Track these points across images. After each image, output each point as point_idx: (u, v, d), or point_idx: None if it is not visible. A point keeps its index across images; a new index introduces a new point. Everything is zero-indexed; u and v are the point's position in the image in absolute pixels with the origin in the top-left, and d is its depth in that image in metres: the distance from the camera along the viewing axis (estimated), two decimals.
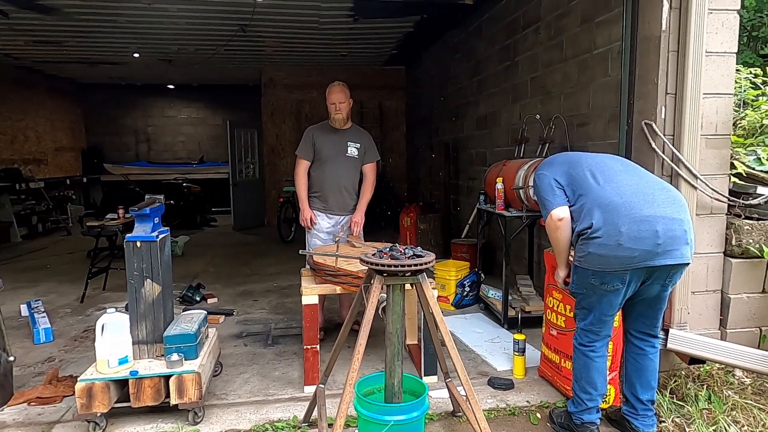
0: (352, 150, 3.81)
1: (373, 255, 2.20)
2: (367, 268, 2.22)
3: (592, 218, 2.27)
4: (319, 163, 3.81)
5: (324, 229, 3.82)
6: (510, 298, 4.13)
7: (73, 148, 11.72)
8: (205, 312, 3.16)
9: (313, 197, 3.84)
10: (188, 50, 8.07)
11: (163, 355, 2.72)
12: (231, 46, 7.70)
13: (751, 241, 2.98)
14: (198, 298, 4.90)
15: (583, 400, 2.47)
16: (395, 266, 2.11)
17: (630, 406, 2.53)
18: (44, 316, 4.17)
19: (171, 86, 12.54)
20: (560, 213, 2.39)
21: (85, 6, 5.86)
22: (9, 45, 7.71)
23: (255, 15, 6.09)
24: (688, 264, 2.29)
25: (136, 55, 8.39)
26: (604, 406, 2.73)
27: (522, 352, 3.17)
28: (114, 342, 2.62)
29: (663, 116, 2.94)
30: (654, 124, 2.94)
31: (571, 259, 2.52)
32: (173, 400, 2.60)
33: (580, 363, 2.48)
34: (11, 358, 2.98)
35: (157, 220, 2.87)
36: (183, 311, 3.27)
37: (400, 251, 2.22)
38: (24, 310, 4.52)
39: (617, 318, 2.64)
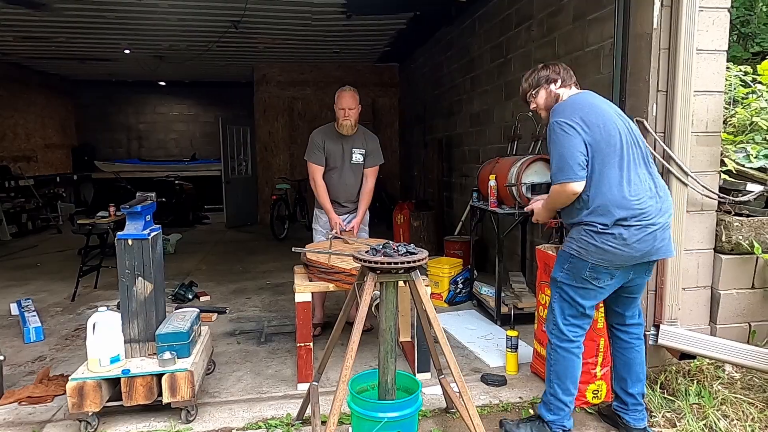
0: (357, 157, 3.78)
1: (366, 252, 2.20)
2: (360, 265, 2.22)
3: (613, 217, 2.23)
4: (326, 170, 3.79)
5: (329, 227, 3.85)
6: (503, 294, 4.15)
7: (63, 145, 11.61)
8: (198, 310, 3.16)
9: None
10: (180, 47, 8.01)
11: (155, 354, 2.71)
12: (223, 43, 7.64)
13: (740, 237, 3.01)
14: (190, 296, 4.88)
15: (565, 404, 2.42)
16: (388, 263, 2.11)
17: (620, 402, 2.55)
18: (35, 315, 4.14)
19: (162, 83, 12.44)
20: (577, 188, 2.28)
21: (74, 1, 5.79)
22: None
23: (247, 11, 6.05)
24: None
25: (127, 51, 8.32)
26: (596, 402, 2.76)
27: (515, 348, 3.18)
28: (105, 340, 2.60)
29: (654, 113, 2.96)
30: (645, 122, 2.96)
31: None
32: (166, 398, 2.59)
33: (566, 362, 2.42)
34: (1, 357, 2.96)
35: (148, 217, 2.85)
36: (175, 309, 3.26)
37: (393, 248, 2.22)
38: (14, 308, 4.48)
39: (601, 314, 2.67)
